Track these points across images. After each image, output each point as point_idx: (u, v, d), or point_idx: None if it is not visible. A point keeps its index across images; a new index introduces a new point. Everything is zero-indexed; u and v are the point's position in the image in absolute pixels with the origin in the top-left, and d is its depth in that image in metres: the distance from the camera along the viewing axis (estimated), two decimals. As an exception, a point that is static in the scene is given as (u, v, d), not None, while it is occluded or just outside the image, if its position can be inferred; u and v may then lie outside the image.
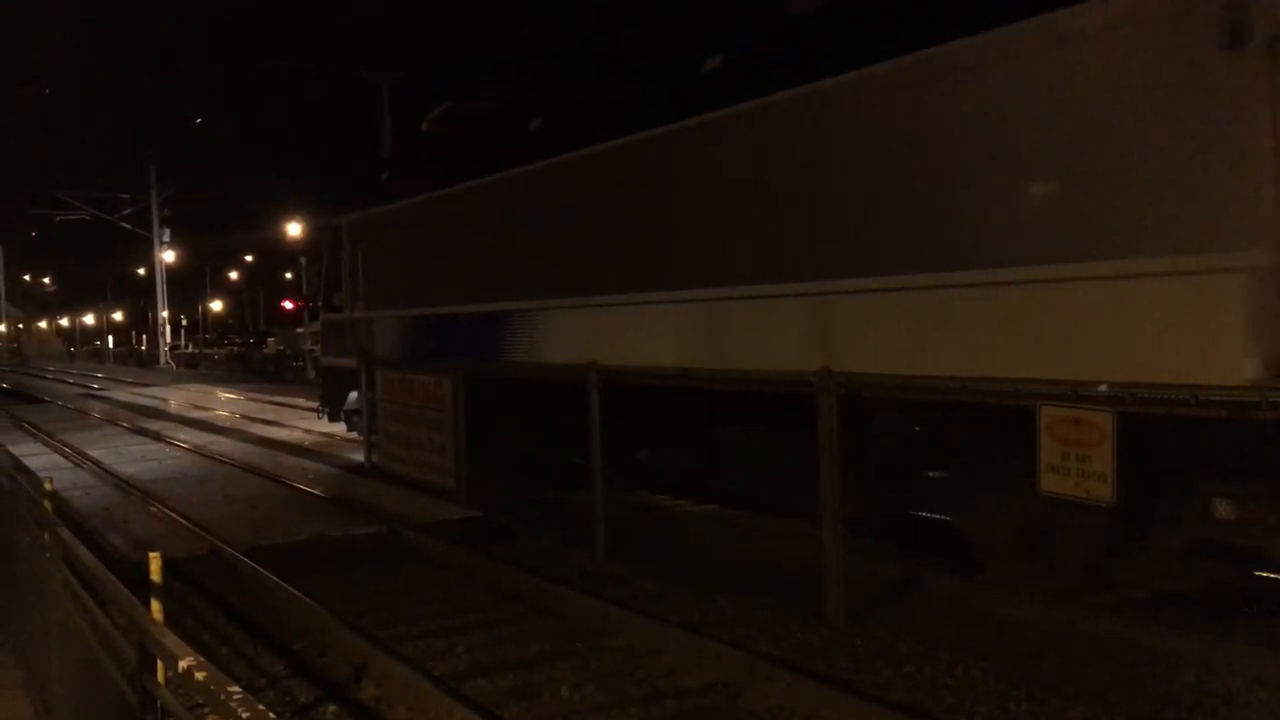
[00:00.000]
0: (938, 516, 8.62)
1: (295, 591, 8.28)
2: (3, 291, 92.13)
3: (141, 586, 4.94)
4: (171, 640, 3.23)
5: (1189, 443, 6.46)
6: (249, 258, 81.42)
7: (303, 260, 42.11)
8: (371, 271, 16.07)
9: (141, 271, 67.36)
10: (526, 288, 12.08)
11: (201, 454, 16.91)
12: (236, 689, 2.60)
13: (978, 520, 7.97)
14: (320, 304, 18.90)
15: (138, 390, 35.14)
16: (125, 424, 22.66)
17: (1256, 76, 5.92)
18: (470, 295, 13.24)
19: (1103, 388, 6.50)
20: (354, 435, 16.03)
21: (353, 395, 15.90)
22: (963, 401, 7.14)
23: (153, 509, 12.10)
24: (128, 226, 56.89)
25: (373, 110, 28.54)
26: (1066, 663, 6.50)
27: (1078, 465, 6.49)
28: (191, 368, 55.04)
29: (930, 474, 8.40)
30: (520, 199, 12.24)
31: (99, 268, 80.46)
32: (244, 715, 2.45)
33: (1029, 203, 7.09)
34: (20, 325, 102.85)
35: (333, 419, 17.42)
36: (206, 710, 4.37)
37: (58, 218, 59.95)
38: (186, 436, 19.62)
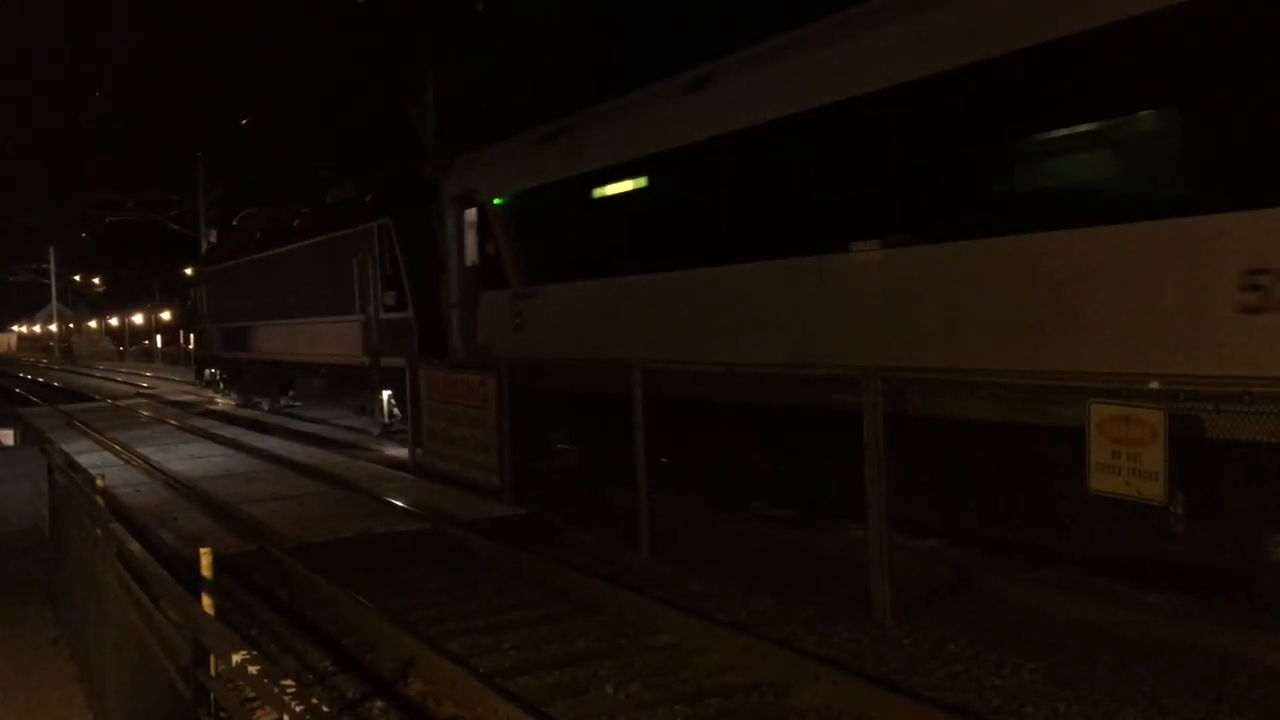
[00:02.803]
0: None
1: (343, 588, 8.36)
2: (54, 292, 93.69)
3: (192, 582, 5.00)
4: (226, 634, 3.26)
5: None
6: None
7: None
8: (210, 302, 30.46)
9: (189, 271, 68.12)
10: (253, 314, 25.68)
11: (248, 451, 17.10)
12: (291, 683, 2.61)
13: None
14: (195, 320, 33.45)
15: (186, 388, 35.59)
16: (173, 422, 22.95)
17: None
18: (238, 317, 27.13)
19: (1154, 384, 6.41)
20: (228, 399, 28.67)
21: (208, 371, 31.03)
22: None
23: (201, 506, 12.25)
24: (175, 227, 57.55)
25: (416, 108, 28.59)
26: (1118, 663, 6.41)
27: (1128, 464, 6.39)
28: (238, 366, 55.55)
29: None
30: (252, 270, 25.74)
31: (148, 268, 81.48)
32: (298, 709, 2.46)
33: (330, 292, 20.29)
34: (70, 325, 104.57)
35: (203, 386, 31.51)
36: (257, 704, 4.43)
37: (107, 219, 60.78)
38: (233, 434, 19.84)
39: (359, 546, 10.01)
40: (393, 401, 17.46)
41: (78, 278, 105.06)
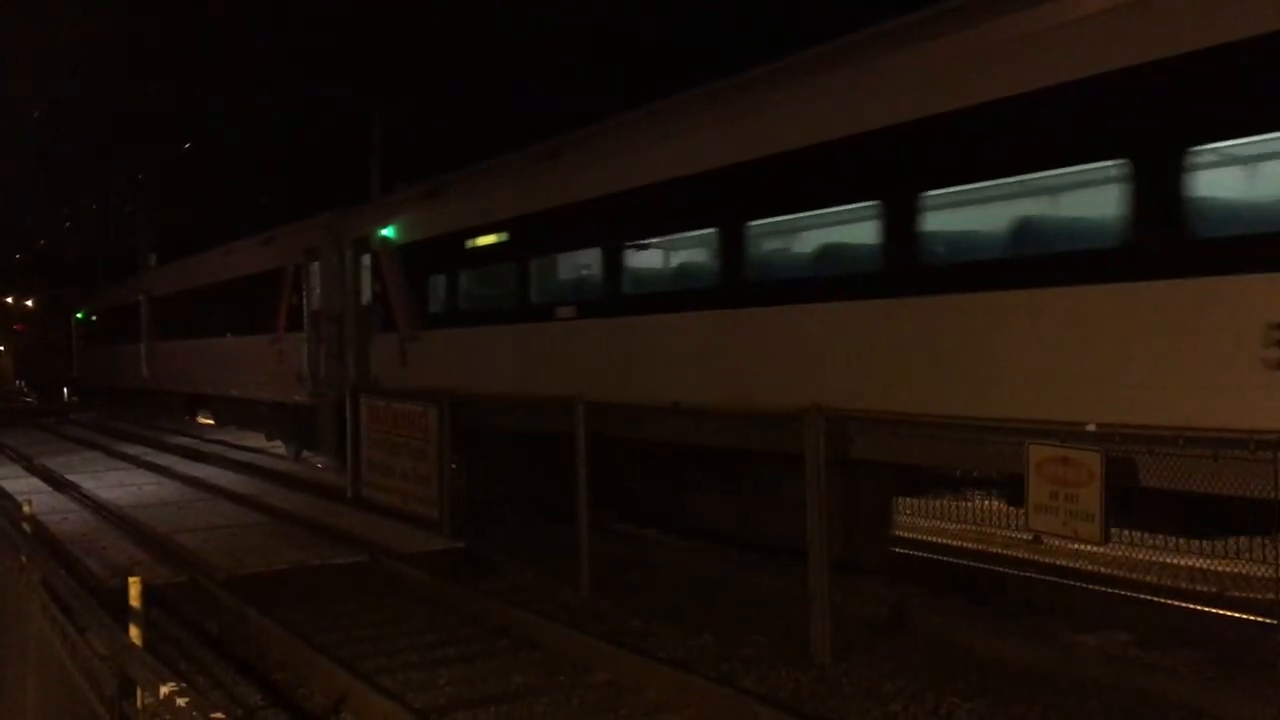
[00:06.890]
0: None
1: (274, 621, 8.19)
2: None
3: (120, 613, 4.87)
4: (153, 666, 3.16)
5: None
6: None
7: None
8: (26, 339, 56.30)
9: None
10: (33, 348, 54.10)
11: (182, 480, 16.75)
12: (220, 716, 2.54)
13: None
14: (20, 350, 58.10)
15: (118, 413, 34.85)
16: (104, 448, 22.45)
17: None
18: (34, 347, 53.70)
19: (1090, 427, 6.52)
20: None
21: (19, 381, 57.46)
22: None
23: (132, 535, 11.96)
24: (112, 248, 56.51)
25: (364, 140, 28.50)
26: (1052, 702, 6.46)
27: (1065, 505, 6.48)
28: (173, 394, 54.55)
29: None
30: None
31: (82, 290, 79.79)
32: (228, 743, 2.39)
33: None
34: (1, 349, 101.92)
35: (19, 387, 56.05)
36: (184, 739, 4.30)
37: (40, 240, 59.63)
38: (166, 462, 19.43)
39: (293, 579, 9.81)
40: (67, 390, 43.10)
41: (10, 299, 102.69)
